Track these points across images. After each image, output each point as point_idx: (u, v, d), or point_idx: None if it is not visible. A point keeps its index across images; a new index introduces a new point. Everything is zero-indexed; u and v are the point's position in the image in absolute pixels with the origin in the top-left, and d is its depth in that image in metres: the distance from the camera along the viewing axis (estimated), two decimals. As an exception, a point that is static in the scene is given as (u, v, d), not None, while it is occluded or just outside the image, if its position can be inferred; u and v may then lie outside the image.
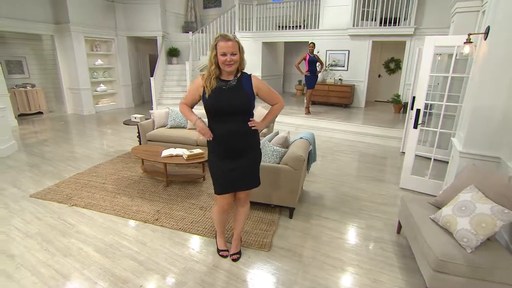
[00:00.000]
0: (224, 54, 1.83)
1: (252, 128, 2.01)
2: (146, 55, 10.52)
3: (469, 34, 2.61)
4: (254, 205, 3.01)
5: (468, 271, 1.73)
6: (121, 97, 9.37)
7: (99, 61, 8.68)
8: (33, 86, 7.98)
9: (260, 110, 3.76)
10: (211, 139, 1.98)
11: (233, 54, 1.84)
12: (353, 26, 7.79)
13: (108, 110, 9.01)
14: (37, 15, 7.20)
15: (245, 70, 2.01)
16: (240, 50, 1.89)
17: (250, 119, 2.02)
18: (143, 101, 10.48)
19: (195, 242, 2.54)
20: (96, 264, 2.25)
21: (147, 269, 2.20)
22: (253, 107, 2.01)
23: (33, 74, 8.32)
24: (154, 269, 2.21)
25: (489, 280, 1.73)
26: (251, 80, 1.99)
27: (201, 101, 2.04)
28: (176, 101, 7.71)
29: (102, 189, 3.48)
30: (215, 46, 1.85)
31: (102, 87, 8.87)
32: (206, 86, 1.91)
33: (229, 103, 1.90)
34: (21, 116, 7.64)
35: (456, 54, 2.98)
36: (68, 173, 3.96)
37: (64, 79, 8.09)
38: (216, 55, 1.86)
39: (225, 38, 1.84)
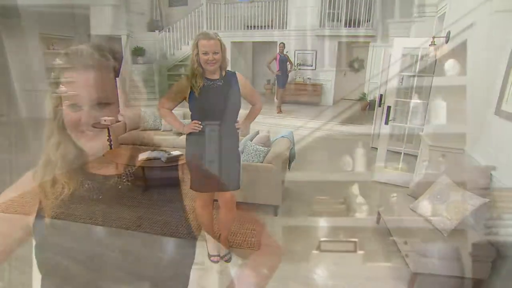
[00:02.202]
0: (206, 53, 1.79)
1: (237, 129, 2.03)
2: (109, 54, 9.97)
3: (433, 37, 2.84)
4: (239, 204, 2.99)
5: (446, 252, 1.90)
6: (83, 98, 8.78)
7: (57, 61, 8.01)
8: (-22, 88, 7.19)
9: (241, 112, 3.76)
10: (201, 127, 1.92)
11: (215, 53, 1.81)
12: (320, 27, 8.07)
13: (69, 113, 8.40)
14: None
15: None
16: (222, 48, 1.86)
17: (237, 120, 2.03)
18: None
19: (183, 247, 2.47)
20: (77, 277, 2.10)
21: (135, 279, 2.10)
22: (240, 106, 2.00)
23: (-23, 75, 7.49)
24: (142, 277, 2.11)
25: (462, 259, 1.90)
26: (237, 78, 1.99)
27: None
28: (144, 102, 7.40)
29: (74, 197, 3.24)
30: (196, 44, 1.81)
31: (63, 88, 8.22)
32: (193, 86, 1.86)
33: (221, 103, 1.88)
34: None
35: (422, 56, 3.23)
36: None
37: (16, 80, 7.37)
38: (197, 53, 1.82)
39: (206, 36, 1.80)
